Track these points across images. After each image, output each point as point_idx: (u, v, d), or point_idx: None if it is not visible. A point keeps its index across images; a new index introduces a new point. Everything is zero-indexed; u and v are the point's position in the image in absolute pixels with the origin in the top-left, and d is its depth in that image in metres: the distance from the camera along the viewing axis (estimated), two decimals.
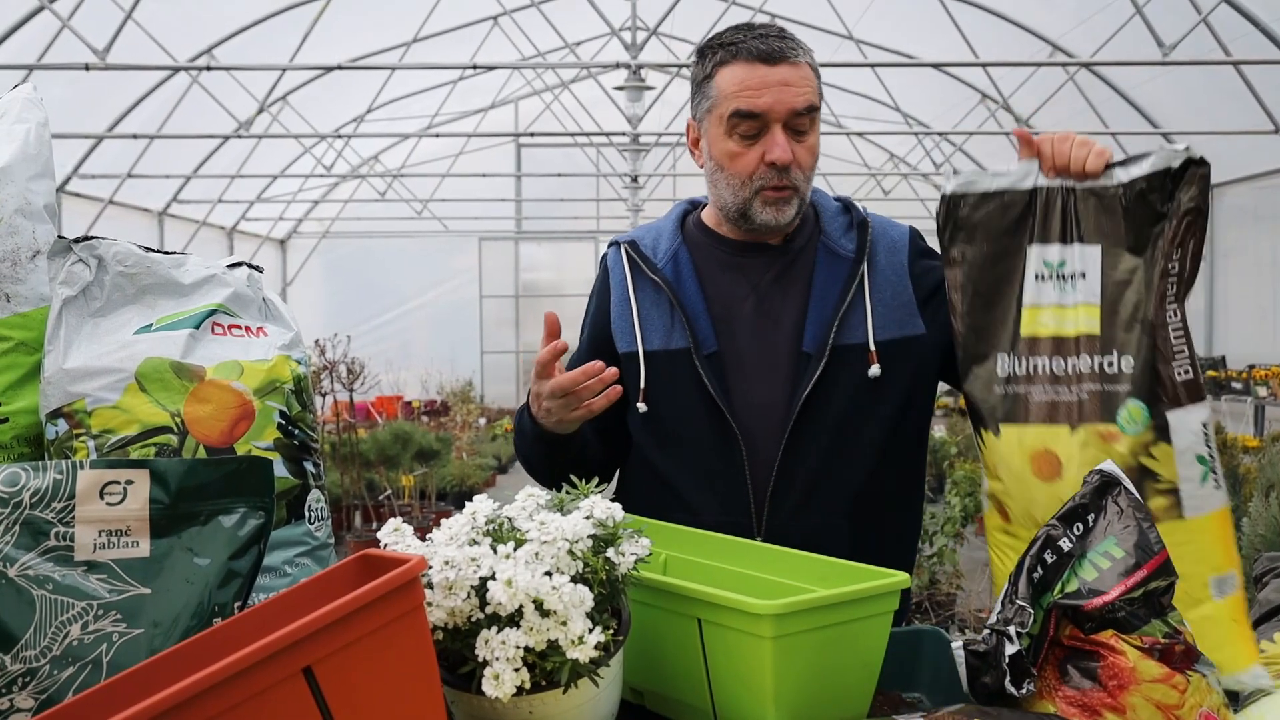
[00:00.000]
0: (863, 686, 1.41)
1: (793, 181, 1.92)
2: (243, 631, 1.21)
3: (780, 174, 1.90)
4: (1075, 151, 1.70)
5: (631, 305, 2.01)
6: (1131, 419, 1.59)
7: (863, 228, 2.01)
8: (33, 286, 1.62)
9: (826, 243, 2.01)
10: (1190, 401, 1.62)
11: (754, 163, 1.91)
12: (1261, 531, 4.50)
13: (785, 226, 1.97)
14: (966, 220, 1.73)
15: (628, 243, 2.07)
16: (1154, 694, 1.31)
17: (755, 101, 1.88)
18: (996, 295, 1.72)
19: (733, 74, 1.91)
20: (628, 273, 2.03)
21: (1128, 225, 1.66)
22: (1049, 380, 1.66)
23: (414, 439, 9.36)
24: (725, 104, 1.91)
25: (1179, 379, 1.62)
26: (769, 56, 1.89)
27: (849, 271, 1.97)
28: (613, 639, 1.28)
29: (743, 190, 1.94)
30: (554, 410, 1.84)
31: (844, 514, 1.92)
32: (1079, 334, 1.66)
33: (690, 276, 2.01)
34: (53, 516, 1.26)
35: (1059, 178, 1.70)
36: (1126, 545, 1.39)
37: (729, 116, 1.90)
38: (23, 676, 1.21)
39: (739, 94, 1.89)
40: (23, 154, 1.64)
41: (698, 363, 1.93)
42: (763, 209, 1.93)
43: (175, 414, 1.56)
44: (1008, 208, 1.71)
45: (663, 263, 2.02)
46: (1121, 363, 1.63)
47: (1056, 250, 1.69)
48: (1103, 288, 1.66)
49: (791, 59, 1.90)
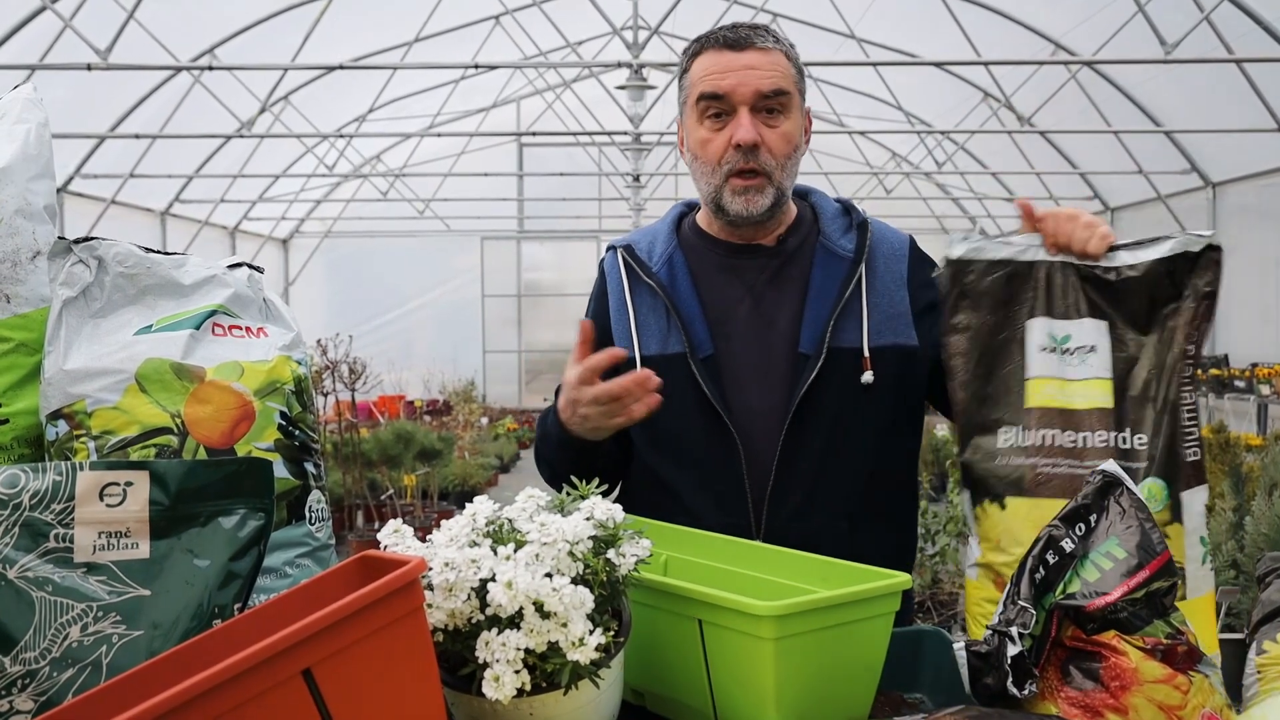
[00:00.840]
0: (864, 688, 1.40)
1: (762, 166, 1.91)
2: (242, 633, 1.21)
3: (746, 156, 1.90)
4: (1079, 232, 1.70)
5: (628, 310, 2.01)
6: (1152, 497, 1.59)
7: (863, 229, 2.01)
8: (33, 287, 1.62)
9: (825, 243, 2.00)
10: (1198, 483, 1.63)
11: (722, 147, 1.92)
12: (1264, 530, 4.49)
13: (760, 218, 1.95)
14: (972, 288, 1.72)
15: (624, 247, 2.06)
16: (1156, 695, 1.31)
17: (720, 83, 1.90)
18: (998, 365, 1.71)
19: (702, 62, 1.94)
20: (624, 277, 2.03)
21: (1139, 305, 1.66)
22: (1060, 454, 1.65)
23: (416, 438, 9.37)
24: (694, 90, 1.94)
25: (1189, 460, 1.62)
26: (735, 43, 1.91)
27: (847, 272, 1.96)
28: (613, 640, 1.28)
29: (714, 177, 1.94)
30: (592, 417, 1.80)
31: (844, 515, 1.92)
32: (1091, 408, 1.65)
33: (685, 280, 2.00)
34: (52, 518, 1.26)
35: (1061, 255, 1.70)
36: (1129, 545, 1.38)
37: (697, 101, 1.93)
38: (22, 678, 1.21)
39: (705, 78, 1.92)
40: (23, 154, 1.64)
41: (694, 367, 1.92)
42: (732, 198, 1.93)
43: (175, 415, 1.56)
44: (1011, 278, 1.70)
45: (658, 267, 2.02)
46: (1134, 440, 1.63)
47: (1062, 325, 1.69)
48: (1113, 364, 1.66)
49: (759, 45, 1.91)
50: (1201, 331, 1.64)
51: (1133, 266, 1.66)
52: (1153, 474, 1.62)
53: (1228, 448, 6.43)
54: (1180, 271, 1.65)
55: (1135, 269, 1.66)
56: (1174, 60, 7.78)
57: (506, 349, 18.41)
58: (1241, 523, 4.75)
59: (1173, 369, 1.63)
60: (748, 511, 1.91)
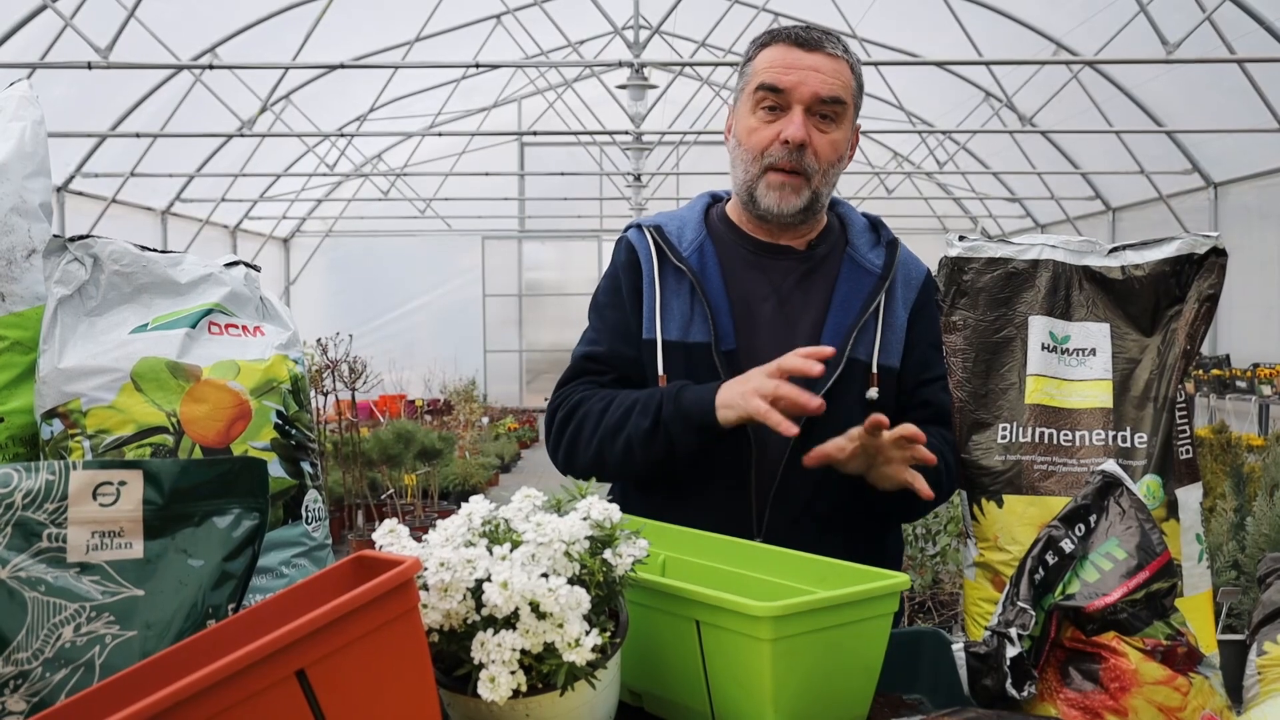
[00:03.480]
0: (862, 688, 1.40)
1: (804, 167, 1.91)
2: (236, 634, 1.20)
3: (792, 155, 1.90)
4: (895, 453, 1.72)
5: (656, 290, 1.99)
6: (1150, 494, 1.59)
7: (892, 247, 2.01)
8: (28, 285, 1.62)
9: (853, 255, 2.01)
10: (1190, 480, 1.63)
11: (769, 138, 1.92)
12: (1265, 530, 4.48)
13: (789, 218, 1.95)
14: (970, 285, 1.72)
15: (653, 227, 2.04)
16: (1156, 696, 1.30)
17: (781, 78, 1.90)
18: (997, 362, 1.71)
19: (768, 54, 1.94)
20: (654, 256, 2.02)
21: (1143, 306, 1.66)
22: (1057, 451, 1.65)
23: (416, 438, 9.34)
24: (755, 79, 1.94)
25: (1183, 457, 1.63)
26: (805, 42, 1.92)
27: (874, 286, 1.97)
28: (610, 641, 1.27)
29: (753, 165, 1.94)
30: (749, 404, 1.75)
31: (840, 526, 1.91)
32: (1090, 407, 1.66)
33: (715, 270, 1.99)
34: (45, 518, 1.25)
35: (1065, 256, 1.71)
36: (1129, 546, 1.38)
37: (755, 90, 1.93)
38: (15, 679, 1.20)
39: (768, 69, 1.92)
40: (18, 152, 1.64)
41: (716, 358, 1.91)
42: (766, 192, 1.93)
43: (171, 414, 1.55)
44: (1011, 276, 1.70)
45: (688, 252, 2.00)
46: (1134, 439, 1.63)
47: (1062, 325, 1.69)
48: (1114, 365, 1.66)
49: (829, 50, 1.92)
50: (1201, 332, 1.65)
51: (1138, 266, 1.67)
52: (1150, 471, 1.62)
53: (1229, 448, 6.42)
54: (1185, 273, 1.65)
55: (1141, 268, 1.66)
56: (1176, 60, 7.76)
57: (507, 348, 18.40)
58: (1243, 523, 4.74)
59: (1173, 368, 1.63)
60: (750, 510, 1.90)
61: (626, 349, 2.01)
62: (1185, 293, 1.64)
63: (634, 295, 2.02)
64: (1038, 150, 13.50)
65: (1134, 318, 1.67)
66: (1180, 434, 1.63)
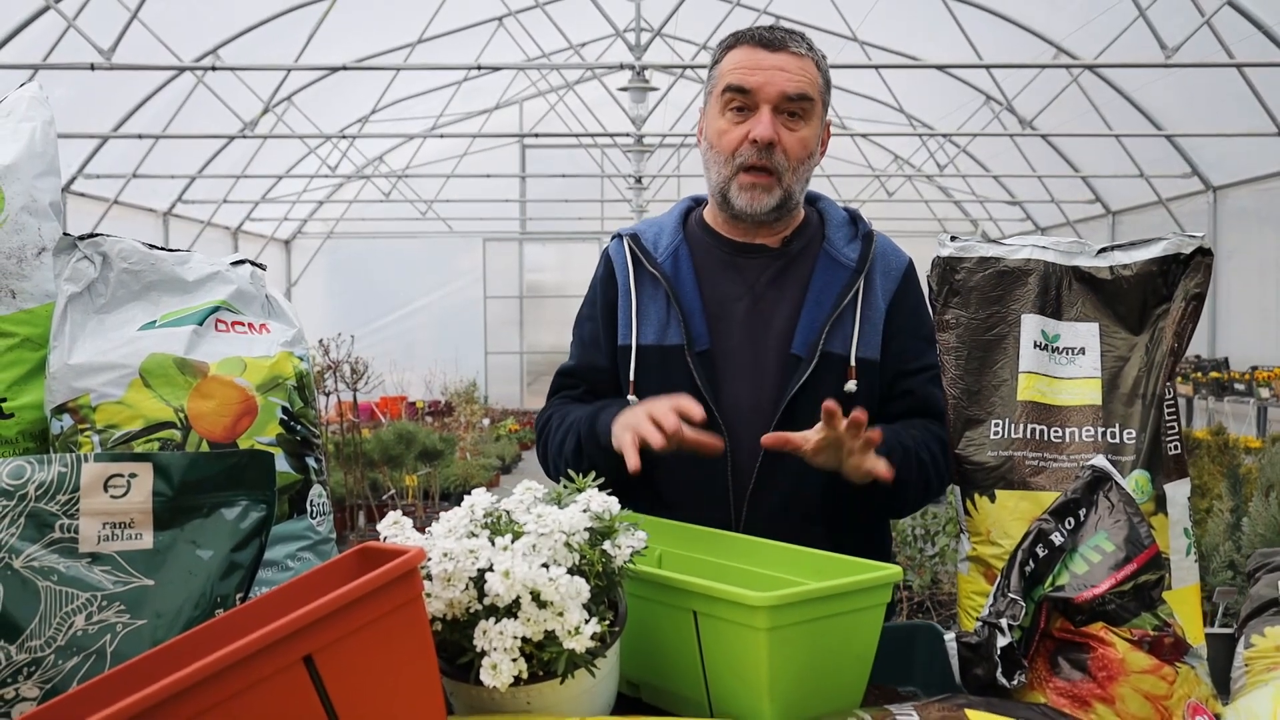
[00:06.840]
0: (856, 678, 1.42)
1: (774, 165, 1.94)
2: (244, 622, 1.23)
3: (761, 153, 1.93)
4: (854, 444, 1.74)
5: (631, 298, 2.03)
6: (1139, 489, 1.61)
7: (867, 239, 2.04)
8: (38, 283, 1.64)
9: (829, 249, 2.03)
10: (1179, 476, 1.66)
11: (739, 139, 1.95)
12: (1261, 531, 4.51)
13: (763, 217, 1.98)
14: (962, 284, 1.74)
15: (630, 236, 2.09)
16: (1143, 685, 1.33)
17: (747, 78, 1.93)
18: (990, 360, 1.73)
19: (734, 55, 1.97)
20: (630, 265, 2.05)
21: (1131, 305, 1.69)
22: (1049, 448, 1.67)
23: (418, 439, 9.36)
24: (722, 81, 1.97)
25: (1171, 453, 1.65)
26: (770, 43, 1.94)
27: (848, 280, 1.99)
28: (609, 630, 1.30)
29: (725, 168, 1.97)
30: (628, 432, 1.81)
31: (820, 520, 1.93)
32: (1080, 405, 1.68)
33: (689, 274, 2.03)
34: (57, 509, 1.28)
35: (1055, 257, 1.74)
36: (1117, 539, 1.41)
37: (723, 92, 1.96)
38: (28, 666, 1.23)
39: (734, 70, 1.95)
40: (29, 152, 1.66)
41: (689, 360, 1.95)
42: (739, 193, 1.96)
43: (179, 409, 1.58)
44: (1003, 275, 1.73)
45: (663, 258, 2.04)
46: (1123, 435, 1.65)
47: (1053, 324, 1.71)
48: (1103, 363, 1.69)
49: (793, 49, 1.94)
50: (1188, 330, 1.68)
51: (1126, 266, 1.69)
52: (1139, 466, 1.64)
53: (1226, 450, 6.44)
54: (1172, 273, 1.68)
55: (1129, 268, 1.69)
56: (1175, 64, 7.79)
57: (508, 350, 18.41)
58: (1239, 524, 4.76)
59: (1160, 366, 1.66)
60: (729, 507, 1.93)
61: (599, 361, 2.07)
62: (1172, 292, 1.67)
63: (608, 307, 2.08)
64: (1038, 153, 13.52)
65: (1122, 317, 1.69)
66: (1169, 430, 1.66)
